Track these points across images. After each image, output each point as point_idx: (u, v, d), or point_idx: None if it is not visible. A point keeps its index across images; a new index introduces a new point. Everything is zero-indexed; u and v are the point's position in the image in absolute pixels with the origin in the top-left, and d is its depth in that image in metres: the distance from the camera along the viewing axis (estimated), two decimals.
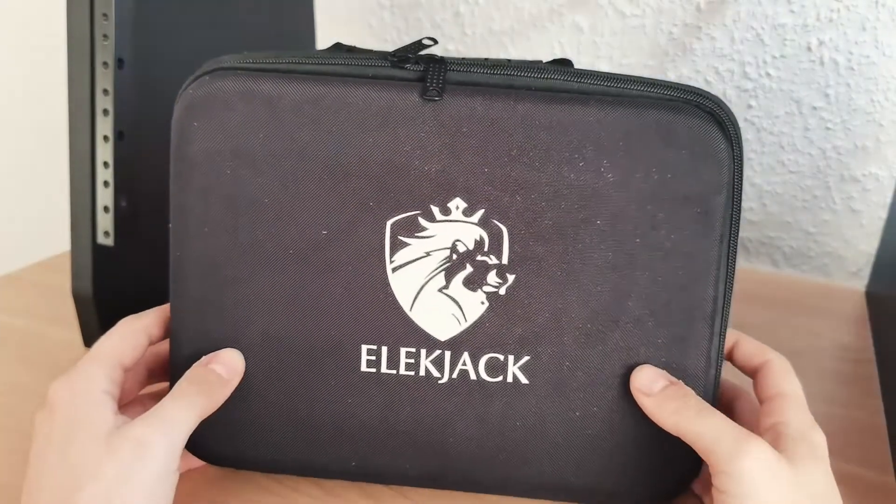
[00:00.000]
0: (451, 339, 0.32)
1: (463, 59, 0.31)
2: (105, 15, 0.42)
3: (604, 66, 0.65)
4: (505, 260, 0.31)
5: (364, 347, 0.32)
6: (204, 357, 0.32)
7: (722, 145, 0.30)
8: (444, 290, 0.31)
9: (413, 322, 0.32)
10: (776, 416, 0.30)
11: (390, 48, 0.72)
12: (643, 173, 0.30)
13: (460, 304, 0.31)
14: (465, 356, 0.32)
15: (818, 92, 0.59)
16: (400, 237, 0.31)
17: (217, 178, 0.31)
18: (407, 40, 0.71)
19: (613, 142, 0.29)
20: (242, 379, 0.32)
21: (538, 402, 0.32)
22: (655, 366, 0.32)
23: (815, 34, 0.58)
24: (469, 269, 0.31)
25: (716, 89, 0.62)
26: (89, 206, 0.45)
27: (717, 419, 0.29)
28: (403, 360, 0.32)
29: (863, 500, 0.37)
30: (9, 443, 0.41)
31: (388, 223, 0.31)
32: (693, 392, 0.31)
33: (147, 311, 0.35)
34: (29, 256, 0.61)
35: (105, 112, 0.44)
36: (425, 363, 0.32)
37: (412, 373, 0.32)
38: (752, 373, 0.34)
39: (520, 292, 0.31)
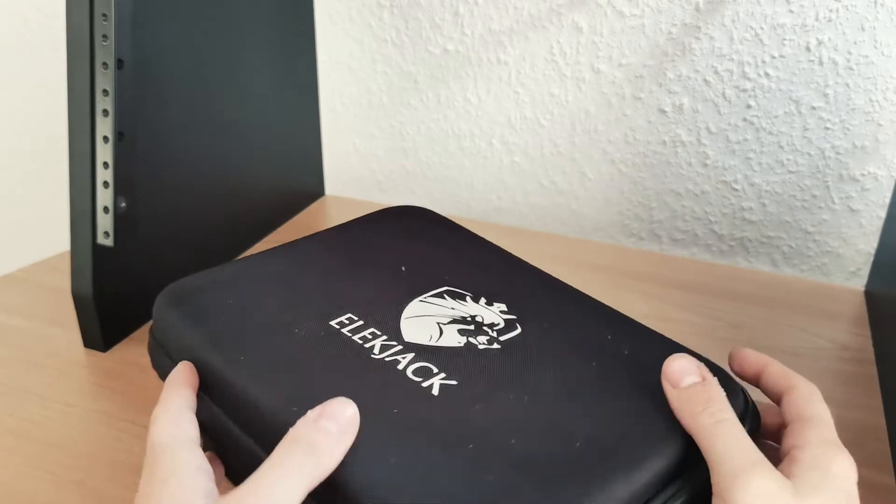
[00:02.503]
0: (409, 341, 0.35)
1: None
2: (104, 15, 0.42)
3: (603, 67, 0.65)
4: (502, 339, 0.35)
5: (346, 314, 0.36)
6: (310, 412, 0.27)
7: None
8: (440, 322, 0.36)
9: (397, 317, 0.36)
10: (794, 438, 0.28)
11: (390, 48, 0.73)
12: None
13: (443, 331, 0.36)
14: (409, 354, 0.34)
15: (817, 92, 0.60)
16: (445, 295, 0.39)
17: None
18: (406, 41, 0.71)
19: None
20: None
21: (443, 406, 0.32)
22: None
23: (814, 34, 0.58)
24: (471, 326, 0.36)
25: (715, 89, 0.62)
26: (89, 206, 0.45)
27: (730, 436, 0.27)
28: (365, 332, 0.35)
29: (863, 500, 0.37)
30: (9, 443, 0.41)
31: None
32: (721, 395, 0.29)
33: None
34: (29, 256, 0.61)
35: (105, 113, 0.44)
36: (376, 341, 0.35)
37: (360, 341, 0.34)
38: (778, 398, 0.32)
39: (498, 359, 0.34)
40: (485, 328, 0.36)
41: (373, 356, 0.34)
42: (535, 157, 0.72)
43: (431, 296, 0.38)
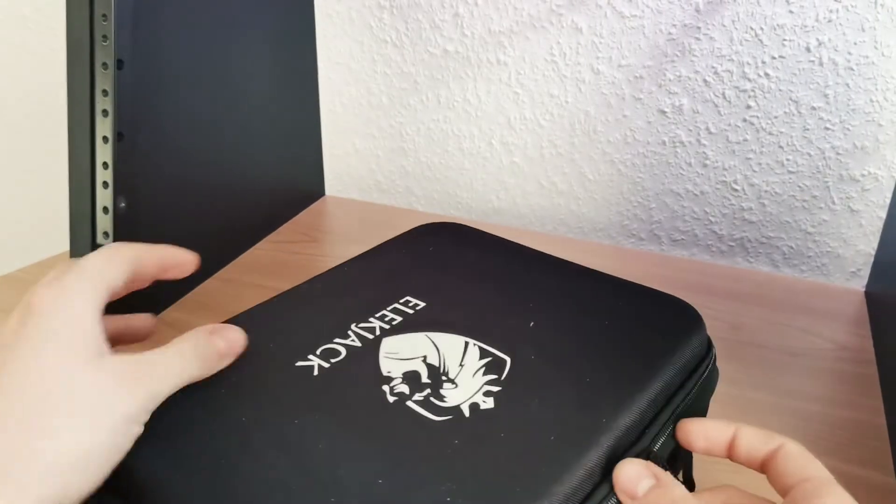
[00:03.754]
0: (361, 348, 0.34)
1: None
2: (104, 16, 0.42)
3: (603, 67, 0.65)
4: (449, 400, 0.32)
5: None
6: (209, 325, 0.31)
7: None
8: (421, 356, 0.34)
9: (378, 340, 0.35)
10: (811, 501, 0.26)
11: (390, 48, 0.73)
12: None
13: (408, 359, 0.34)
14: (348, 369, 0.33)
15: (817, 92, 0.60)
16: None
17: None
18: (406, 42, 0.71)
19: None
20: None
21: None
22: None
23: (814, 35, 0.58)
24: (427, 381, 0.33)
25: (715, 90, 0.62)
26: (89, 206, 0.45)
27: None
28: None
29: (863, 500, 0.37)
30: None
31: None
32: (681, 490, 0.27)
33: (140, 244, 0.33)
34: (29, 256, 0.61)
35: (104, 113, 0.44)
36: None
37: (363, 328, 0.36)
38: (762, 465, 0.29)
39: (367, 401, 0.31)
40: (434, 381, 0.33)
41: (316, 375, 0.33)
42: (534, 158, 0.72)
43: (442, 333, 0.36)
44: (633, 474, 0.27)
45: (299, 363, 0.33)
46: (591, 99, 0.67)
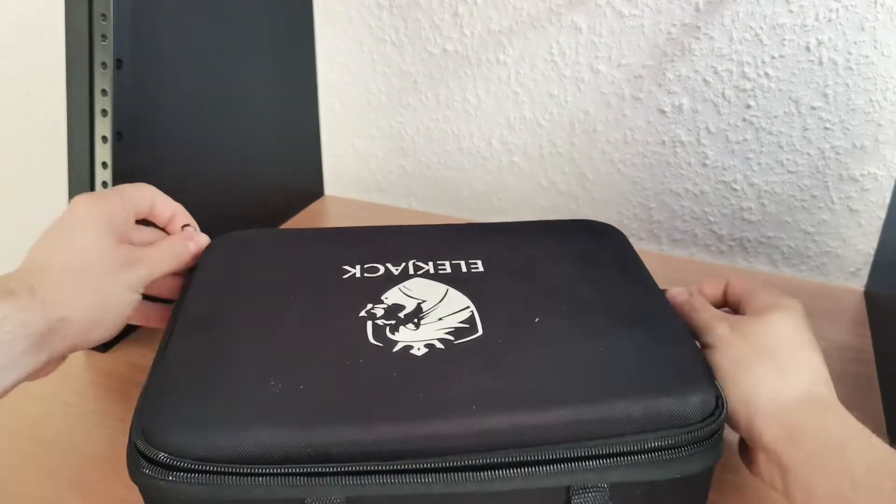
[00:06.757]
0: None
1: None
2: (103, 16, 0.42)
3: (602, 67, 0.65)
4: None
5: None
6: (187, 232, 0.45)
7: None
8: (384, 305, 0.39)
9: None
10: (748, 303, 0.40)
11: (389, 48, 0.73)
12: None
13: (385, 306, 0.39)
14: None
15: (817, 92, 0.60)
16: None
17: None
18: (406, 41, 0.71)
19: None
20: None
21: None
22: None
23: (813, 34, 0.58)
24: (401, 316, 0.37)
25: (714, 89, 0.62)
26: None
27: (704, 315, 0.40)
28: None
29: None
30: (8, 443, 0.41)
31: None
32: (699, 300, 0.41)
33: (162, 196, 0.44)
34: None
35: (104, 112, 0.44)
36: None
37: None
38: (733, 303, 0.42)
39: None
40: (408, 316, 0.37)
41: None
42: (534, 158, 0.72)
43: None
44: (676, 292, 0.43)
45: (346, 266, 0.41)
46: (591, 98, 0.67)
